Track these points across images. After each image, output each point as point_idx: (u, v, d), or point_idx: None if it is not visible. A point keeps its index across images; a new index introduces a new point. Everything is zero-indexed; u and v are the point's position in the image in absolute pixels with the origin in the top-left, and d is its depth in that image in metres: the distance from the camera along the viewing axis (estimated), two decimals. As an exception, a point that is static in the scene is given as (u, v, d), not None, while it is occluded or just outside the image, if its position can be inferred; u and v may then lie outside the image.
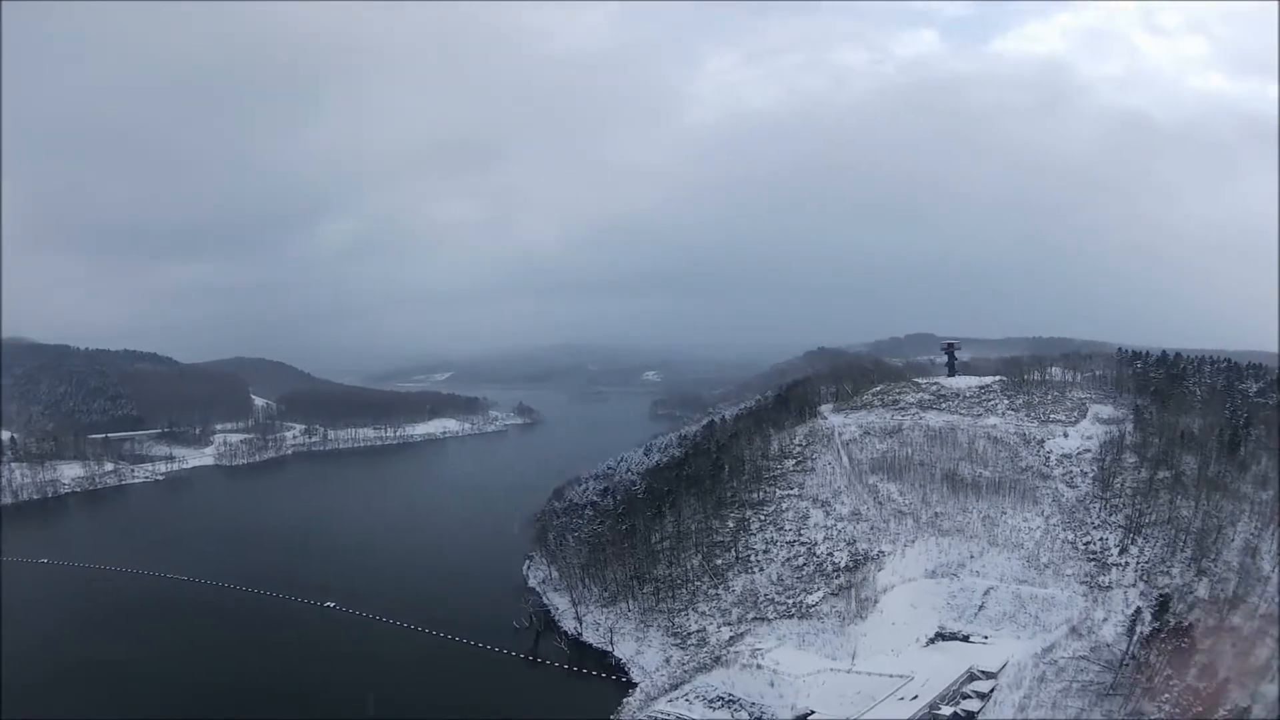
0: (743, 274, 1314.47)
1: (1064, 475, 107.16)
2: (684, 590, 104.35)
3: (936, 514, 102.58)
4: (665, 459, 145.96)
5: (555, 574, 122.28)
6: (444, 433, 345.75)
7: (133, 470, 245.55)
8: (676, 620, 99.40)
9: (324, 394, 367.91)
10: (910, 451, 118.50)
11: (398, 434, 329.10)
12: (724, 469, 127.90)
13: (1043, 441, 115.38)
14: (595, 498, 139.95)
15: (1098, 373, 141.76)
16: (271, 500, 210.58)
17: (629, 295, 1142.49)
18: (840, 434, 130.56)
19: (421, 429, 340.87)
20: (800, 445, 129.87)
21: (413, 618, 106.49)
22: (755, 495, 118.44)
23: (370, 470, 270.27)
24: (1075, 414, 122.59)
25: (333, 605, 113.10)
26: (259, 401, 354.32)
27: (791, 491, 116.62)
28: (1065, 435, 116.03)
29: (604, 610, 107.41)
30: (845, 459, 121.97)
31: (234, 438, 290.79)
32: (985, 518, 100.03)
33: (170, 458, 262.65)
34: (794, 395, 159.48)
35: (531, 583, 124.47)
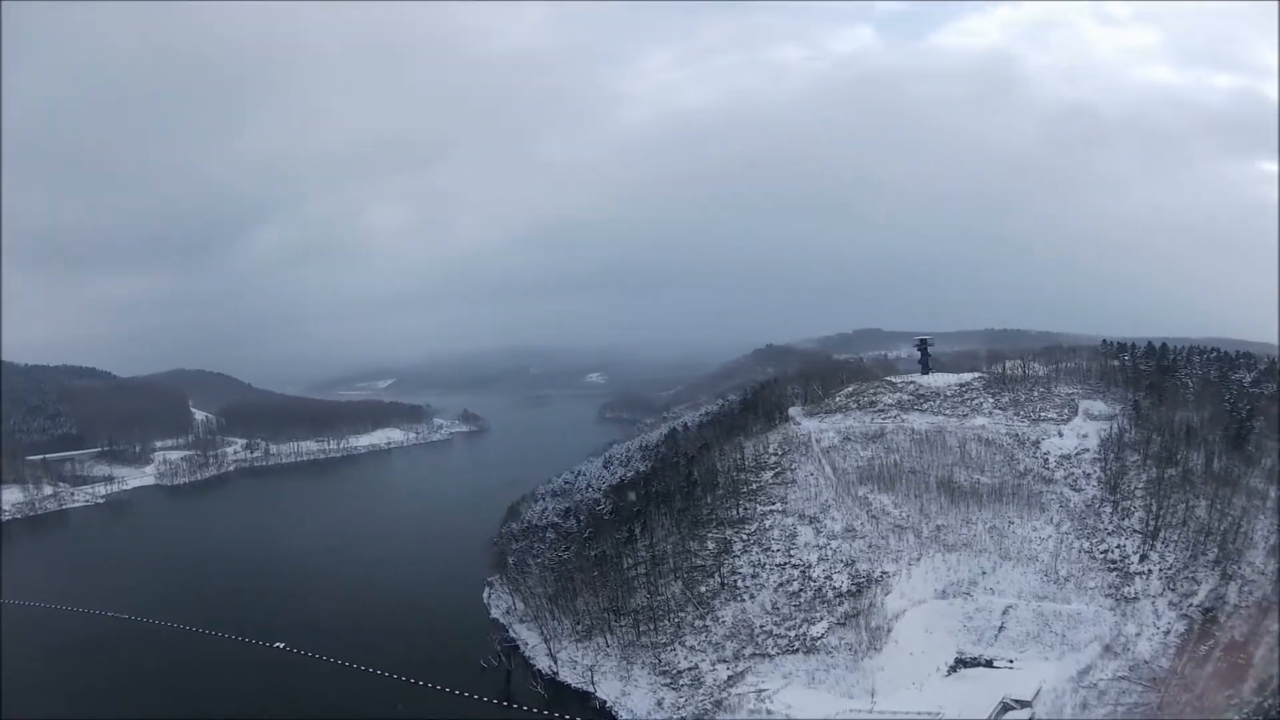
0: (684, 272, 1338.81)
1: (1067, 478, 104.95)
2: (667, 622, 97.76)
3: (938, 527, 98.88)
4: (629, 473, 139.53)
5: (520, 604, 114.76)
6: (388, 443, 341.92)
7: (73, 494, 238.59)
8: (663, 657, 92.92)
9: (265, 405, 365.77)
10: (898, 458, 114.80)
11: (341, 446, 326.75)
12: (696, 484, 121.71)
13: (1038, 442, 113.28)
14: (556, 519, 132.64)
15: (1079, 365, 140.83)
16: (215, 524, 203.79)
17: (569, 296, 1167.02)
18: (818, 440, 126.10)
19: (365, 440, 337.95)
20: (776, 454, 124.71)
21: (370, 658, 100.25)
22: (734, 512, 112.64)
23: (315, 487, 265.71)
24: (1066, 411, 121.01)
25: (282, 646, 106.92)
26: (199, 415, 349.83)
27: (774, 507, 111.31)
28: (1060, 435, 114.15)
29: (579, 645, 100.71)
30: (828, 468, 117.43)
31: (174, 455, 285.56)
32: (991, 529, 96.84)
33: (110, 478, 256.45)
34: (761, 398, 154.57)
35: (495, 614, 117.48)
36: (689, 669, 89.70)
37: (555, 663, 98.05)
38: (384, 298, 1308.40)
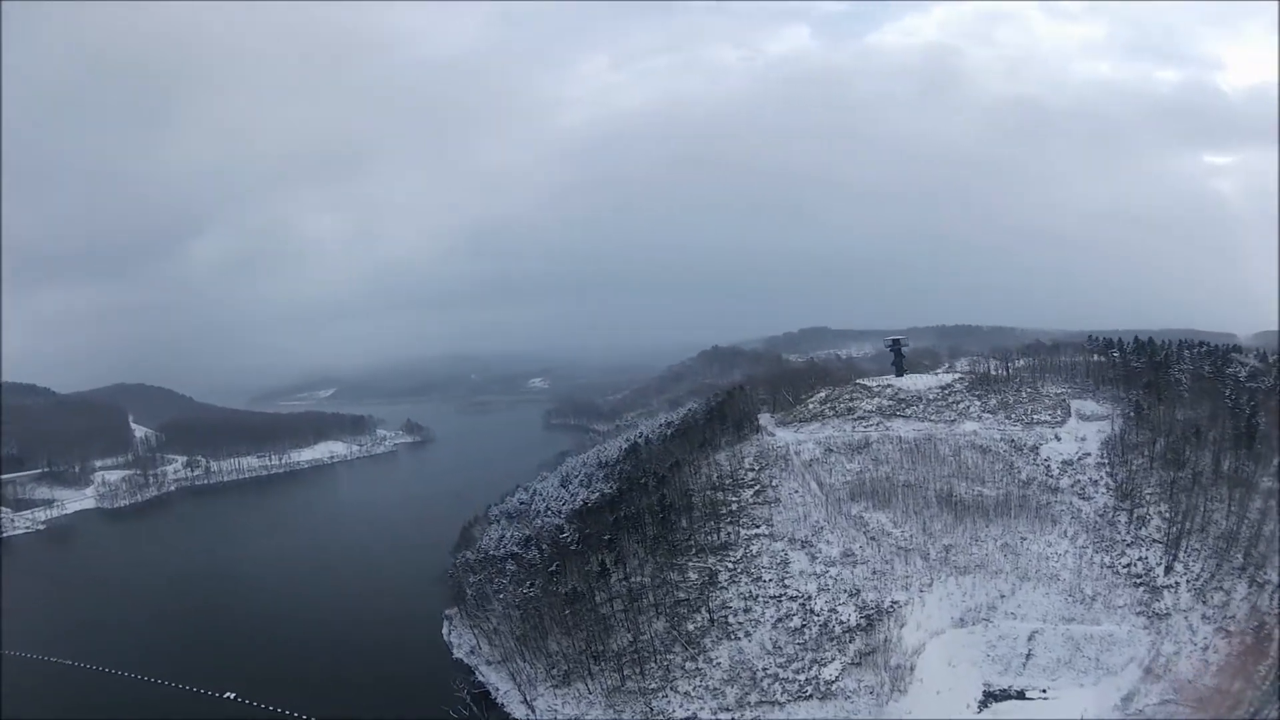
0: (624, 275, 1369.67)
1: (1073, 486, 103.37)
2: (654, 665, 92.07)
3: (946, 547, 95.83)
4: (592, 495, 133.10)
5: (485, 645, 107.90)
6: (331, 457, 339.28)
7: (14, 520, 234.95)
8: (655, 704, 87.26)
9: (206, 420, 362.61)
10: (889, 470, 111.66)
11: (283, 461, 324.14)
12: (670, 506, 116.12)
13: (1036, 448, 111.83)
14: (516, 549, 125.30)
15: (1061, 362, 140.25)
16: (157, 552, 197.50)
17: (507, 301, 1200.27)
18: (797, 453, 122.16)
19: (308, 454, 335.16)
20: (752, 470, 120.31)
21: (328, 708, 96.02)
22: (715, 538, 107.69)
23: (259, 508, 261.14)
24: (1058, 413, 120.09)
25: (233, 696, 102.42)
26: (139, 432, 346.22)
27: (759, 530, 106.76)
28: (1058, 439, 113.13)
29: (557, 692, 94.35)
30: (813, 484, 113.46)
31: (114, 475, 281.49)
32: (1003, 546, 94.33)
33: (50, 502, 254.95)
34: (729, 407, 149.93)
35: (458, 654, 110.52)
36: (687, 719, 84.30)
37: (533, 711, 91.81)
38: (323, 306, 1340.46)
